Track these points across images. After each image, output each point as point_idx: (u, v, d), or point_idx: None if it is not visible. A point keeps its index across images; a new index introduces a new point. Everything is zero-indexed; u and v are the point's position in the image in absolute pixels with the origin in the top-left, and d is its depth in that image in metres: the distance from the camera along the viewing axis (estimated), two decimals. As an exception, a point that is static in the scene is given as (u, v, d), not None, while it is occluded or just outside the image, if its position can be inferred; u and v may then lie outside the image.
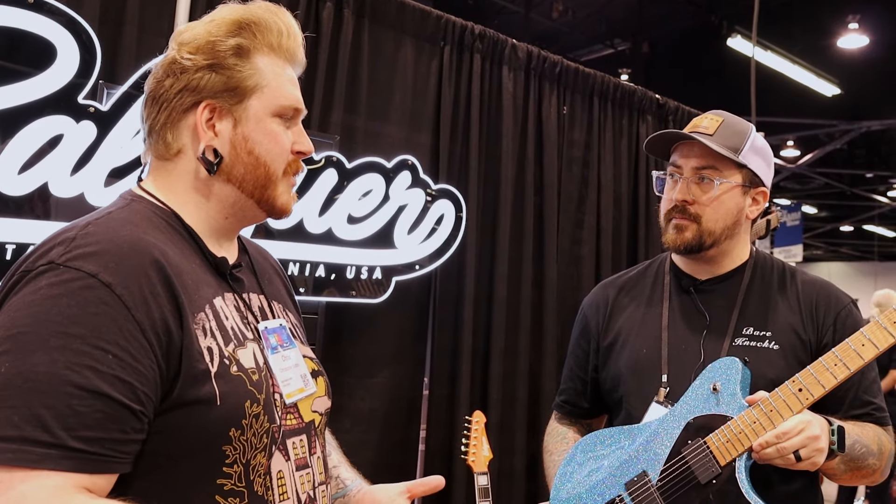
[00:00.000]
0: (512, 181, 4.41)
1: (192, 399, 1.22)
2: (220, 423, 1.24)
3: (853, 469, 1.96)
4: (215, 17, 1.42)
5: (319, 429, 1.50)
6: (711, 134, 2.08)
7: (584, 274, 4.78)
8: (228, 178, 1.41)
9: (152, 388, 1.19)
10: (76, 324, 1.14)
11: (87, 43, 2.80)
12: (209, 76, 1.37)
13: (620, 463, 2.05)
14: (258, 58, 1.41)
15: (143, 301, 1.20)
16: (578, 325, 2.40)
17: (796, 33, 9.95)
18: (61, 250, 1.21)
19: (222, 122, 1.39)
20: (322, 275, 3.57)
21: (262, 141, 1.41)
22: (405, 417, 4.04)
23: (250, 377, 1.30)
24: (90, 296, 1.16)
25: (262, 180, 1.42)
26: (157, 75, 1.40)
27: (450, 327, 4.14)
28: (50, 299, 1.16)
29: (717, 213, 2.09)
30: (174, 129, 1.40)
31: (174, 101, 1.39)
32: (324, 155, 3.53)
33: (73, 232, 1.25)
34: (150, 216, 1.36)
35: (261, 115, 1.41)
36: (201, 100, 1.38)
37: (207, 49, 1.38)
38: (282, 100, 1.42)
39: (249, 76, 1.39)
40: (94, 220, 1.30)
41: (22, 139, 2.70)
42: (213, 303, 1.33)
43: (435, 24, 4.16)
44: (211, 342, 1.28)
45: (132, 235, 1.27)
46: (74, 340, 1.13)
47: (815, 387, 1.86)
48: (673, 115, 5.36)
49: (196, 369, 1.23)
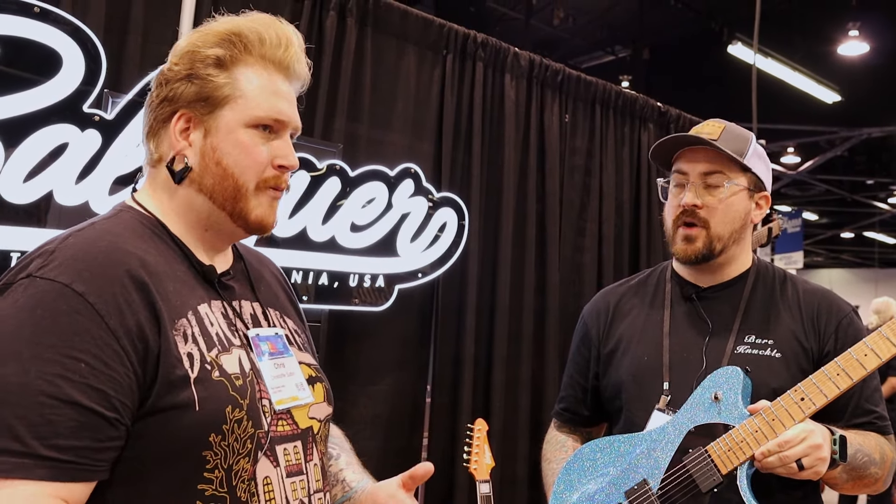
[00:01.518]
0: (514, 189, 4.42)
1: (169, 405, 1.23)
2: (199, 428, 1.24)
3: (855, 478, 1.97)
4: (205, 29, 1.43)
5: (319, 435, 1.49)
6: (716, 139, 2.09)
7: (586, 281, 4.78)
8: (200, 188, 1.41)
9: (128, 395, 1.19)
10: (48, 333, 1.16)
11: (93, 52, 2.81)
12: (185, 86, 1.38)
13: (620, 471, 2.05)
14: (240, 69, 1.40)
15: (118, 309, 1.21)
16: (579, 333, 2.40)
17: (797, 40, 9.96)
18: (39, 262, 1.23)
19: (196, 131, 1.40)
20: (325, 283, 3.58)
21: (231, 152, 1.39)
22: (407, 425, 4.04)
23: (233, 382, 1.30)
24: (63, 305, 1.18)
25: (231, 192, 1.40)
26: (153, 86, 1.43)
27: (452, 335, 4.14)
28: (24, 311, 1.17)
29: (726, 216, 2.09)
30: (155, 137, 1.42)
31: (157, 109, 1.41)
32: (327, 163, 3.53)
33: (54, 244, 1.27)
34: (135, 226, 1.37)
35: (232, 126, 1.39)
36: (177, 109, 1.39)
37: (187, 59, 1.39)
38: (257, 111, 1.40)
39: (223, 86, 1.38)
40: (76, 231, 1.32)
41: (27, 147, 2.71)
42: (198, 309, 1.34)
43: (437, 32, 4.18)
44: (192, 348, 1.28)
45: (109, 245, 1.28)
46: (46, 350, 1.15)
47: (818, 396, 1.87)
48: (674, 123, 5.37)
49: (173, 375, 1.24)
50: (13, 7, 2.67)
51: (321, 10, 3.71)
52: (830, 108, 11.44)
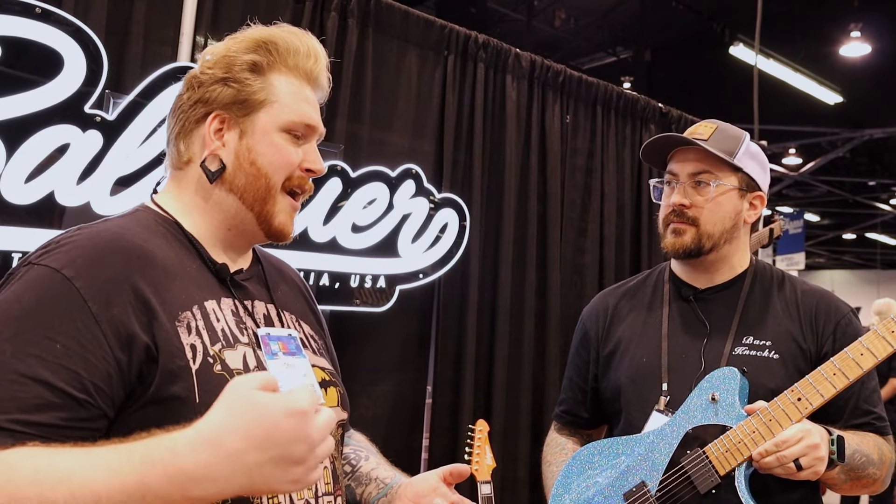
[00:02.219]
0: (515, 190, 4.42)
1: (168, 395, 1.24)
2: (198, 419, 1.25)
3: (854, 479, 1.97)
4: (239, 36, 1.47)
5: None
6: (706, 139, 2.10)
7: (588, 282, 4.79)
8: (231, 188, 1.44)
9: (104, 378, 1.20)
10: (30, 315, 1.19)
11: (94, 52, 2.82)
12: (221, 89, 1.43)
13: (619, 474, 2.05)
14: (274, 75, 1.46)
15: (105, 294, 1.23)
16: (578, 335, 2.41)
17: (798, 41, 9.96)
18: (41, 251, 1.28)
19: (230, 132, 1.44)
20: (326, 283, 3.59)
21: (266, 153, 1.44)
22: (408, 425, 4.04)
23: (234, 377, 1.30)
24: (49, 289, 1.21)
25: (263, 192, 1.44)
26: (182, 89, 1.46)
27: (453, 335, 4.14)
28: (15, 294, 1.22)
29: (714, 215, 2.11)
30: (187, 138, 1.45)
31: (189, 111, 1.44)
32: (328, 164, 3.54)
33: (61, 236, 1.31)
34: (149, 223, 1.40)
35: (268, 129, 1.44)
36: (212, 110, 1.43)
37: (223, 63, 1.44)
38: (291, 115, 1.45)
39: (260, 90, 1.44)
40: (88, 225, 1.35)
41: (29, 148, 2.72)
42: (205, 305, 1.35)
43: (439, 33, 4.18)
44: (195, 339, 1.30)
45: (112, 235, 1.31)
46: (26, 331, 1.18)
47: (814, 396, 1.87)
48: (676, 124, 5.37)
49: (174, 364, 1.25)
50: (15, 8, 2.68)
51: (322, 11, 3.71)
52: (832, 109, 11.45)
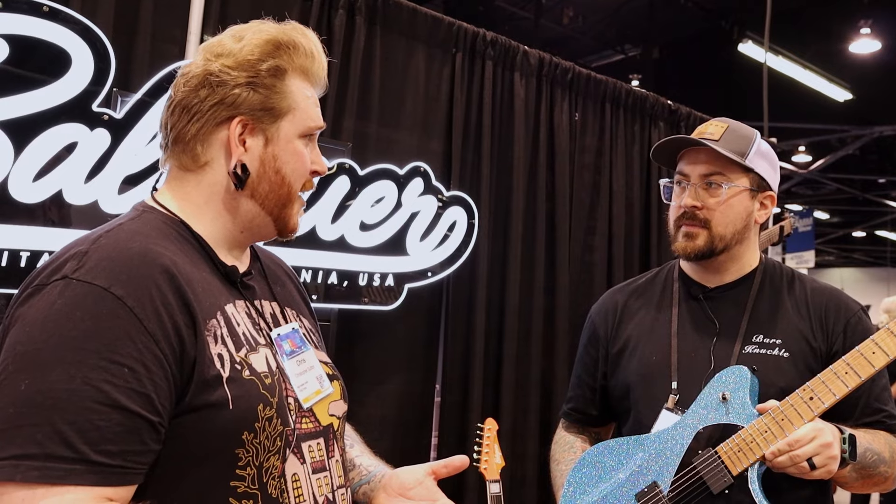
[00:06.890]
0: (524, 188, 4.41)
1: (203, 404, 1.25)
2: (232, 426, 1.26)
3: (865, 477, 1.96)
4: (247, 34, 1.42)
5: (339, 432, 1.52)
6: (717, 139, 2.09)
7: (596, 280, 4.77)
8: (252, 194, 1.43)
9: (167, 397, 1.21)
10: (90, 338, 1.16)
11: (102, 51, 2.82)
12: (248, 93, 1.39)
13: (630, 474, 2.04)
14: (289, 79, 1.44)
15: (155, 312, 1.22)
16: (586, 333, 2.40)
17: (808, 38, 9.92)
18: (74, 265, 1.23)
19: (253, 138, 1.41)
20: (334, 282, 3.58)
21: (290, 161, 1.44)
22: (417, 424, 4.04)
23: (263, 381, 1.32)
24: (103, 309, 1.18)
25: (284, 199, 1.45)
26: (191, 84, 1.39)
27: (462, 334, 4.14)
28: (64, 315, 1.17)
29: (726, 217, 2.10)
30: (205, 141, 1.41)
31: (208, 113, 1.39)
32: (336, 162, 3.54)
33: (85, 246, 1.27)
34: (160, 226, 1.38)
35: (290, 136, 1.44)
36: (236, 115, 1.39)
37: (248, 67, 1.39)
38: (309, 122, 1.46)
39: (284, 97, 1.42)
40: (105, 232, 1.32)
41: (37, 147, 2.72)
42: (225, 310, 1.35)
43: (447, 30, 4.17)
44: (221, 349, 1.30)
45: (142, 247, 1.28)
46: (90, 355, 1.15)
47: (826, 395, 1.86)
48: (685, 122, 5.35)
49: (208, 374, 1.25)
50: (23, 6, 2.68)
51: (330, 8, 3.71)
52: (842, 106, 11.39)
